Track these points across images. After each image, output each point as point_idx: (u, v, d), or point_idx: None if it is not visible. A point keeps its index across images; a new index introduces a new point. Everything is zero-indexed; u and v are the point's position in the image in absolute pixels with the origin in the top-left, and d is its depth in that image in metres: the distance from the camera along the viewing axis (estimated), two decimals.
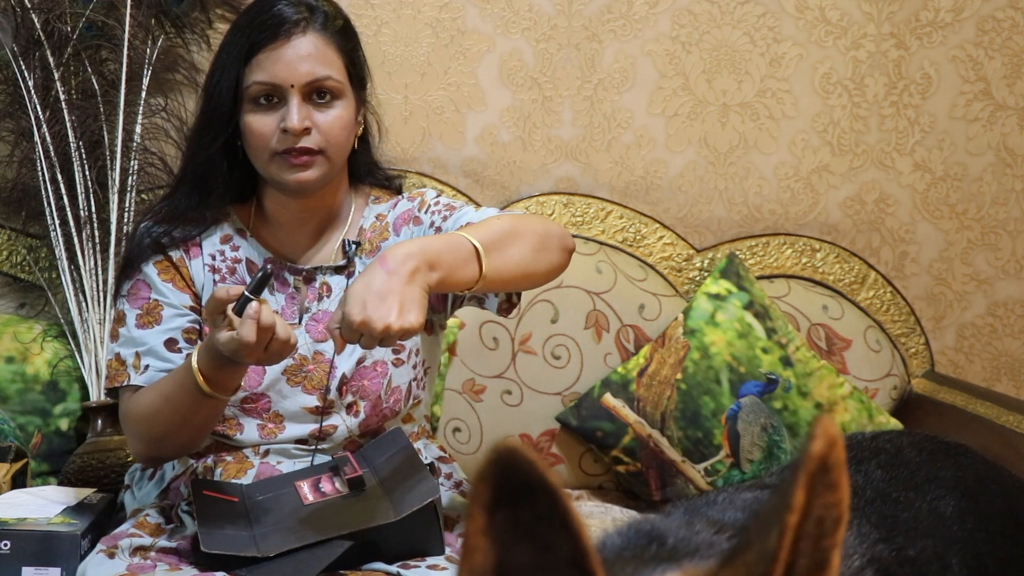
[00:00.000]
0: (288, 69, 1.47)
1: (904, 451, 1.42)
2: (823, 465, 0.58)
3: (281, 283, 1.58)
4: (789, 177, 2.42)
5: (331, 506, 1.43)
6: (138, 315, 1.54)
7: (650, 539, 0.84)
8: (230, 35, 1.52)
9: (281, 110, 1.48)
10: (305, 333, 1.56)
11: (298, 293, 1.58)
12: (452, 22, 2.29)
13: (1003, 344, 2.52)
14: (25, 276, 2.06)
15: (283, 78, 1.47)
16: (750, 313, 2.18)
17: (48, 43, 1.92)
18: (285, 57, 1.47)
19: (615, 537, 0.86)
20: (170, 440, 1.49)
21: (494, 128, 2.33)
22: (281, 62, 1.47)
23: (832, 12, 2.39)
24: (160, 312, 1.54)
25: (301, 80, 1.47)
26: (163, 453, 1.53)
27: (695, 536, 0.86)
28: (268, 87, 1.48)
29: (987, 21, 2.44)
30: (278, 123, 1.48)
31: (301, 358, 1.54)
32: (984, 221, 2.49)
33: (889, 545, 1.14)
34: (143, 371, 1.51)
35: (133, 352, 1.52)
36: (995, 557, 1.32)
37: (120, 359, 1.53)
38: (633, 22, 2.34)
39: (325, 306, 1.57)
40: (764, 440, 2.08)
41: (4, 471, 1.74)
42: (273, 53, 1.47)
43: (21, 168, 1.98)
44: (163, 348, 1.52)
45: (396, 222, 1.62)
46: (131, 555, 1.43)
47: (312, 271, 1.58)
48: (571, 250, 1.53)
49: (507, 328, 2.16)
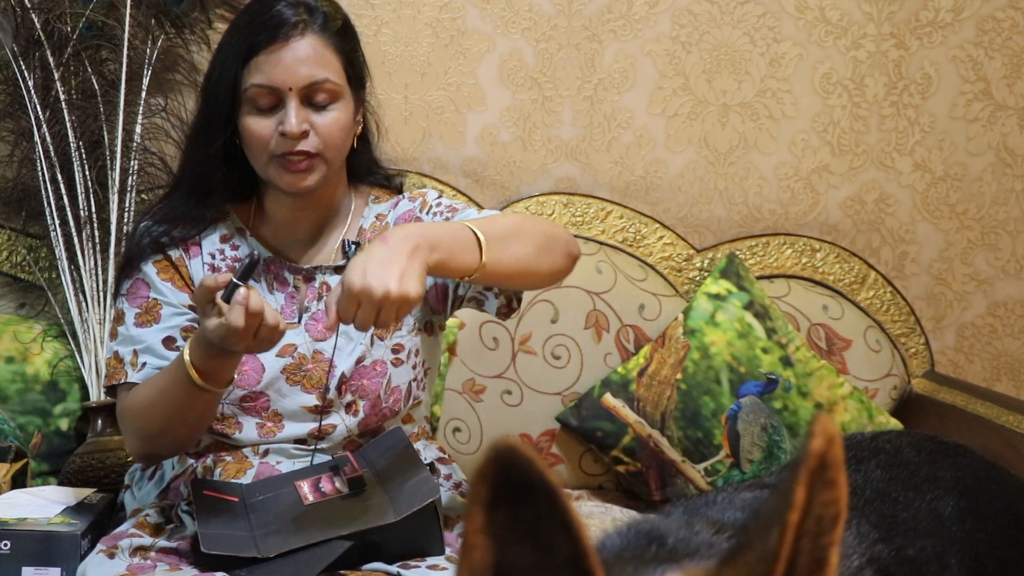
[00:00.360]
0: (286, 72, 1.46)
1: (903, 451, 1.42)
2: (822, 463, 0.58)
3: (281, 282, 1.58)
4: (789, 177, 2.42)
5: (331, 506, 1.43)
6: (137, 314, 1.54)
7: (650, 539, 0.84)
8: (228, 35, 1.52)
9: (279, 113, 1.47)
10: (305, 332, 1.55)
11: (297, 292, 1.58)
12: (452, 22, 2.29)
13: (1003, 344, 2.52)
14: (25, 276, 2.06)
15: (281, 81, 1.46)
16: (750, 313, 2.18)
17: (48, 43, 1.92)
18: (283, 60, 1.46)
19: (615, 537, 0.86)
20: (166, 436, 1.48)
21: (494, 128, 2.33)
22: (279, 65, 1.46)
23: (832, 12, 2.39)
24: (159, 311, 1.54)
25: (299, 83, 1.47)
26: (159, 450, 1.53)
27: (695, 536, 0.86)
28: (266, 90, 1.47)
29: (987, 21, 2.44)
30: (276, 126, 1.47)
31: (300, 357, 1.54)
32: (984, 221, 2.49)
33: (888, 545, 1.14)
34: (140, 368, 1.51)
35: (131, 350, 1.52)
36: (994, 557, 1.32)
37: (118, 357, 1.53)
38: (633, 22, 2.34)
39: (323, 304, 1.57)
40: (764, 440, 2.08)
41: (4, 471, 1.74)
42: (272, 56, 1.46)
43: (21, 168, 1.98)
44: (161, 346, 1.52)
45: (397, 222, 1.62)
46: (131, 555, 1.43)
47: (312, 270, 1.58)
48: (575, 256, 1.53)
49: (507, 328, 2.16)
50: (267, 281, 1.57)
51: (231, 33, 1.52)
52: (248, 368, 1.52)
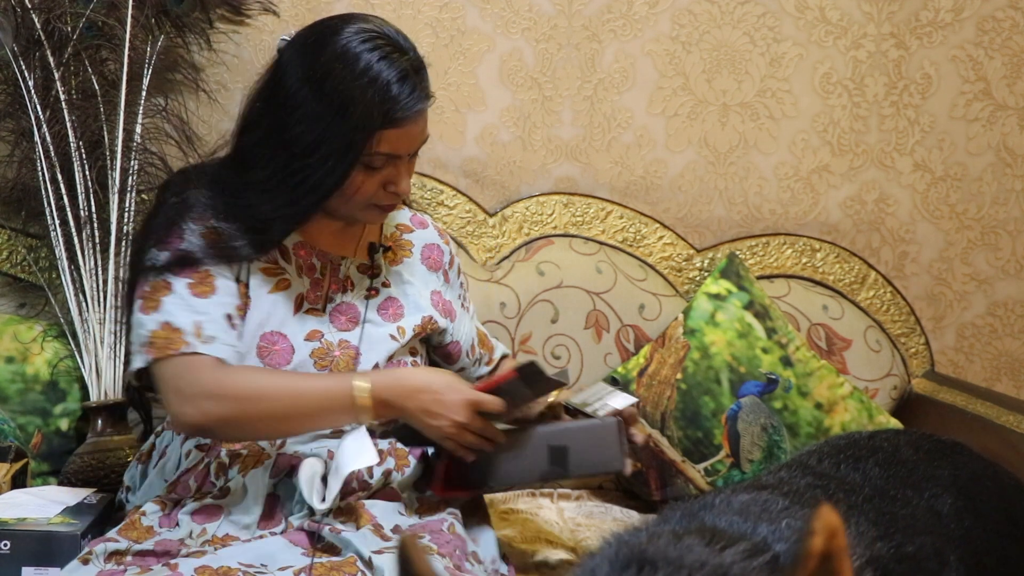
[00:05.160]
0: (410, 143, 1.54)
1: (901, 449, 1.42)
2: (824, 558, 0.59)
3: (309, 268, 1.61)
4: (789, 177, 2.42)
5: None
6: (190, 283, 1.51)
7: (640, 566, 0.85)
8: (363, 89, 1.48)
9: (386, 169, 1.53)
10: (330, 323, 1.59)
11: (323, 279, 1.61)
12: (452, 22, 2.29)
13: (1003, 344, 2.52)
14: (25, 276, 2.06)
15: (404, 150, 1.54)
16: (750, 313, 2.18)
17: (48, 43, 1.92)
18: (411, 134, 1.53)
19: (604, 565, 0.87)
20: (263, 430, 1.50)
21: (494, 128, 2.33)
22: (406, 138, 1.53)
23: (832, 12, 2.39)
24: (213, 282, 1.52)
25: (414, 149, 1.56)
26: (238, 435, 1.51)
27: (686, 554, 0.87)
28: (387, 157, 1.53)
29: (987, 21, 2.44)
30: (381, 181, 1.54)
31: (328, 343, 1.57)
32: (984, 221, 2.49)
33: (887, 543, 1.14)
34: (209, 342, 1.49)
35: (192, 321, 1.49)
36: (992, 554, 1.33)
37: (172, 327, 1.48)
38: (633, 22, 2.34)
39: (348, 299, 1.62)
40: (764, 440, 2.08)
41: (4, 471, 1.74)
42: (403, 131, 1.52)
43: (21, 168, 1.98)
44: (225, 321, 1.52)
45: (423, 252, 1.73)
46: (105, 561, 1.43)
47: (339, 260, 1.63)
48: None
49: (507, 328, 2.16)
50: (296, 265, 1.60)
51: (365, 91, 1.48)
52: (279, 348, 1.54)
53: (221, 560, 1.37)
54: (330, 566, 1.37)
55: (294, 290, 1.59)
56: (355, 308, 1.62)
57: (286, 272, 1.59)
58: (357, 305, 1.62)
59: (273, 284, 1.58)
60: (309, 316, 1.59)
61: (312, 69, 1.50)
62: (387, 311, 1.64)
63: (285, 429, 1.51)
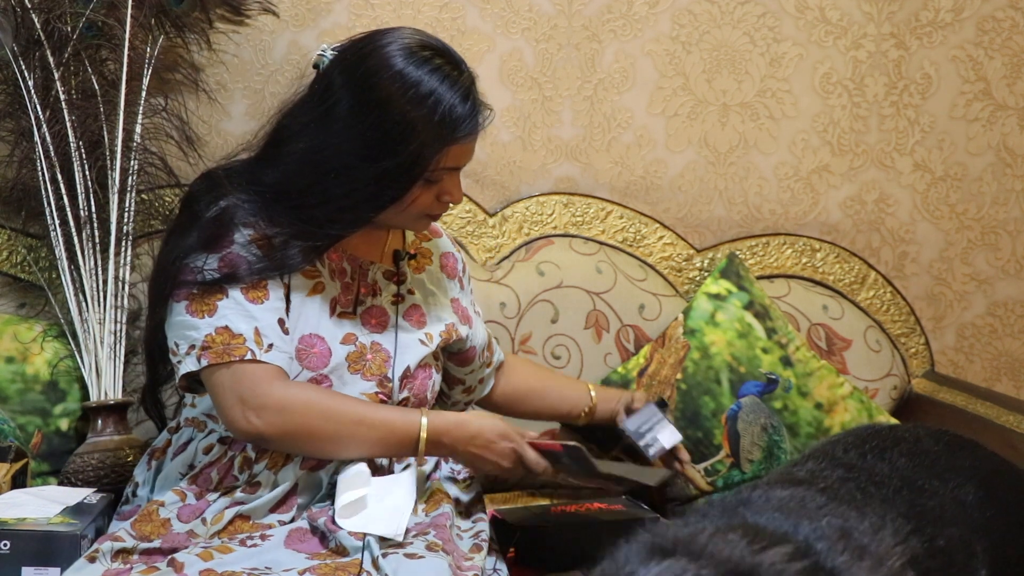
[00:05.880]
0: (470, 155, 1.59)
1: (923, 441, 1.43)
2: None
3: (340, 272, 1.62)
4: (789, 177, 2.42)
5: None
6: (243, 288, 1.50)
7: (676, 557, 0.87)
8: (428, 114, 1.49)
9: (443, 181, 1.56)
10: (361, 325, 1.60)
11: (353, 283, 1.62)
12: (452, 22, 2.29)
13: (1003, 344, 2.52)
14: (25, 276, 2.06)
15: (464, 162, 1.58)
16: (750, 313, 2.18)
17: (48, 43, 1.92)
18: (471, 147, 1.58)
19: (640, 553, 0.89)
20: (318, 446, 1.52)
21: (494, 128, 2.32)
22: (468, 152, 1.57)
23: (832, 12, 2.39)
24: (266, 287, 1.52)
25: (471, 158, 1.60)
26: (293, 448, 1.53)
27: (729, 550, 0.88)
28: (449, 170, 1.56)
29: (987, 21, 2.44)
30: (438, 192, 1.57)
31: (361, 346, 1.59)
32: (984, 221, 2.49)
33: (920, 537, 1.15)
34: (268, 350, 1.49)
35: (252, 327, 1.49)
36: (1014, 544, 1.33)
37: (231, 332, 1.48)
38: (633, 22, 2.34)
39: (378, 302, 1.63)
40: (764, 440, 2.08)
41: (4, 471, 1.74)
42: (466, 146, 1.56)
43: (21, 168, 1.98)
44: (279, 327, 1.52)
45: (441, 261, 1.76)
46: (112, 559, 1.43)
47: (367, 264, 1.64)
48: None
49: (507, 328, 2.16)
50: (329, 269, 1.61)
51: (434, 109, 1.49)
52: (317, 351, 1.55)
53: (226, 564, 1.39)
54: (335, 566, 1.38)
55: (328, 293, 1.59)
56: (383, 312, 1.63)
57: (321, 275, 1.59)
58: (386, 308, 1.63)
59: (311, 287, 1.58)
60: (343, 319, 1.59)
61: (368, 94, 1.50)
62: (412, 318, 1.66)
63: (340, 452, 1.53)
